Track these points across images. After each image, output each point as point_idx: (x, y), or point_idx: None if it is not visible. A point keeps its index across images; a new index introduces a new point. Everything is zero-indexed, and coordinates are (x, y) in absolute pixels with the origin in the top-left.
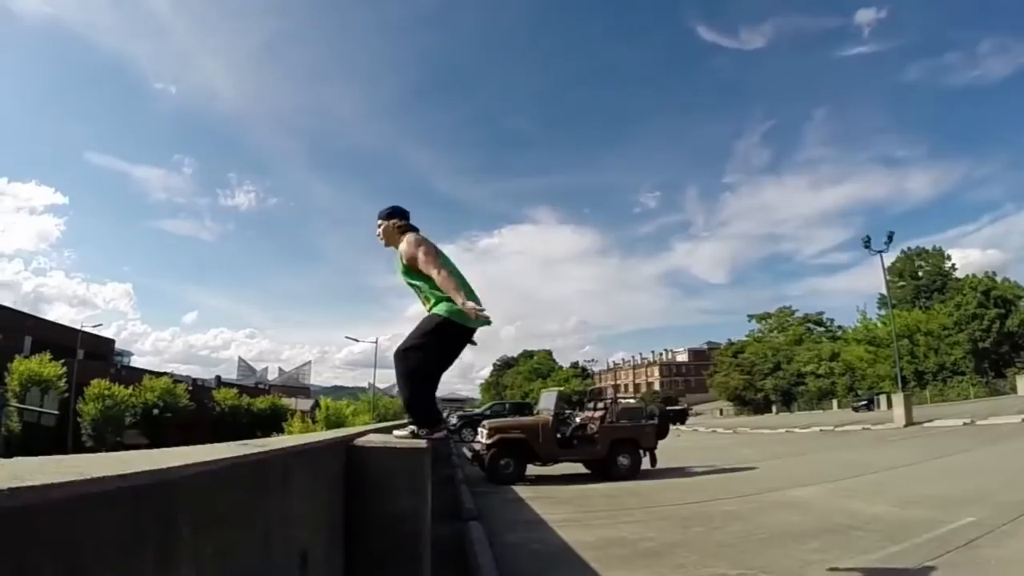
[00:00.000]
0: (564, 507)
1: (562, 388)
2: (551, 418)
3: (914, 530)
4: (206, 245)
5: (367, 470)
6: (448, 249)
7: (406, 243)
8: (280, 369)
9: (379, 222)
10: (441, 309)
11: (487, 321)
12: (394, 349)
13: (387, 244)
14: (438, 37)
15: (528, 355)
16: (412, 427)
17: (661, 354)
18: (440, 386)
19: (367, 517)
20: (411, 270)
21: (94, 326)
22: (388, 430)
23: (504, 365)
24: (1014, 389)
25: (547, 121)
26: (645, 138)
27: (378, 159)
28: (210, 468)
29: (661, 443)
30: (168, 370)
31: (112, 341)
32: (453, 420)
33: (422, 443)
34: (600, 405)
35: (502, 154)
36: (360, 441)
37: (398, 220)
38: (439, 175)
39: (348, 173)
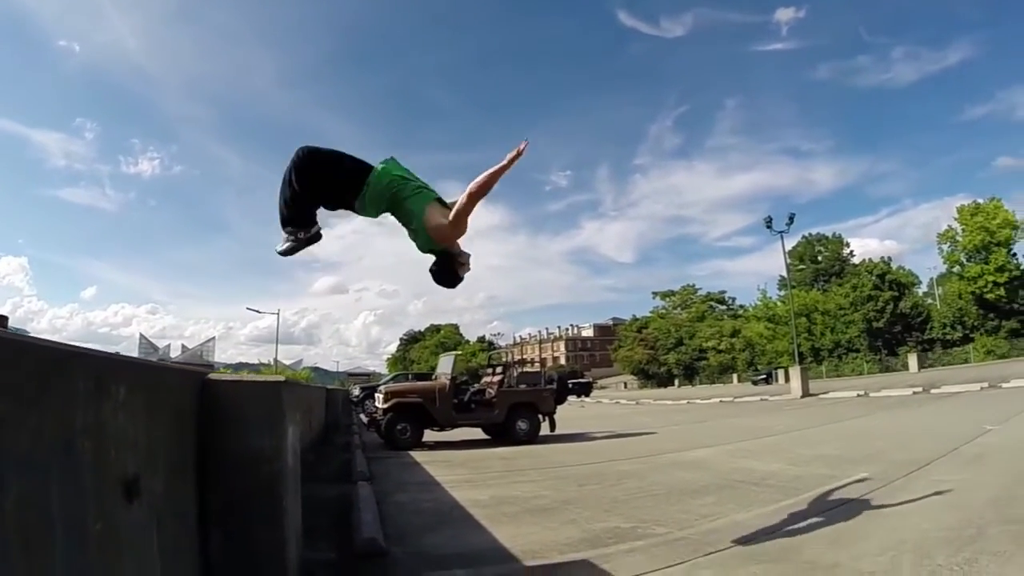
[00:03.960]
0: (459, 469)
1: (460, 352)
2: (448, 382)
3: (810, 485)
4: (106, 215)
5: (220, 405)
6: (357, 222)
7: None
8: (183, 346)
9: None
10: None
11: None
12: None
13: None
14: (357, 5)
15: (435, 329)
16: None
17: (567, 329)
18: (346, 361)
19: (221, 456)
20: None
21: None
22: None
23: (411, 340)
24: (905, 367)
25: (463, 97)
26: (560, 117)
27: (288, 129)
28: None
29: (563, 412)
30: None
31: (5, 318)
32: (356, 392)
33: (279, 377)
34: (499, 369)
35: (416, 127)
36: (215, 375)
37: None
38: (351, 148)
39: (256, 142)
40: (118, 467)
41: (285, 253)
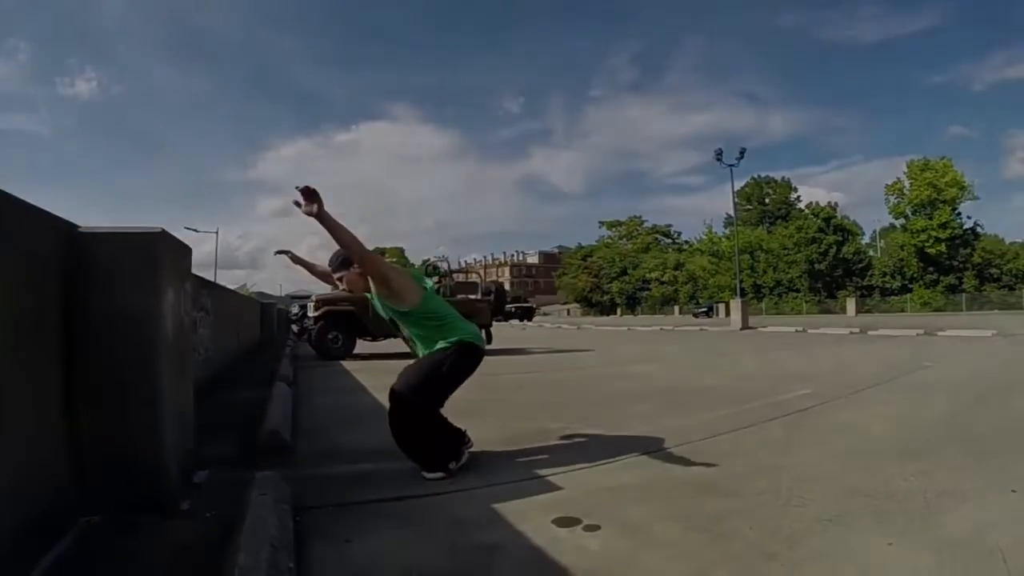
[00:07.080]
0: (388, 376)
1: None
2: None
3: (751, 397)
4: (42, 141)
5: (89, 259)
6: (302, 144)
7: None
8: None
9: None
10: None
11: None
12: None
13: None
14: None
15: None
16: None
17: (513, 255)
18: (290, 285)
19: (89, 316)
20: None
21: None
22: None
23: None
24: (844, 309)
25: (419, 15)
26: (517, 43)
27: (234, 45)
28: None
29: (504, 332)
30: None
31: None
32: (294, 310)
33: (156, 229)
34: (435, 279)
35: (369, 44)
36: (87, 228)
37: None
38: (300, 64)
39: (201, 60)
40: None
41: None
